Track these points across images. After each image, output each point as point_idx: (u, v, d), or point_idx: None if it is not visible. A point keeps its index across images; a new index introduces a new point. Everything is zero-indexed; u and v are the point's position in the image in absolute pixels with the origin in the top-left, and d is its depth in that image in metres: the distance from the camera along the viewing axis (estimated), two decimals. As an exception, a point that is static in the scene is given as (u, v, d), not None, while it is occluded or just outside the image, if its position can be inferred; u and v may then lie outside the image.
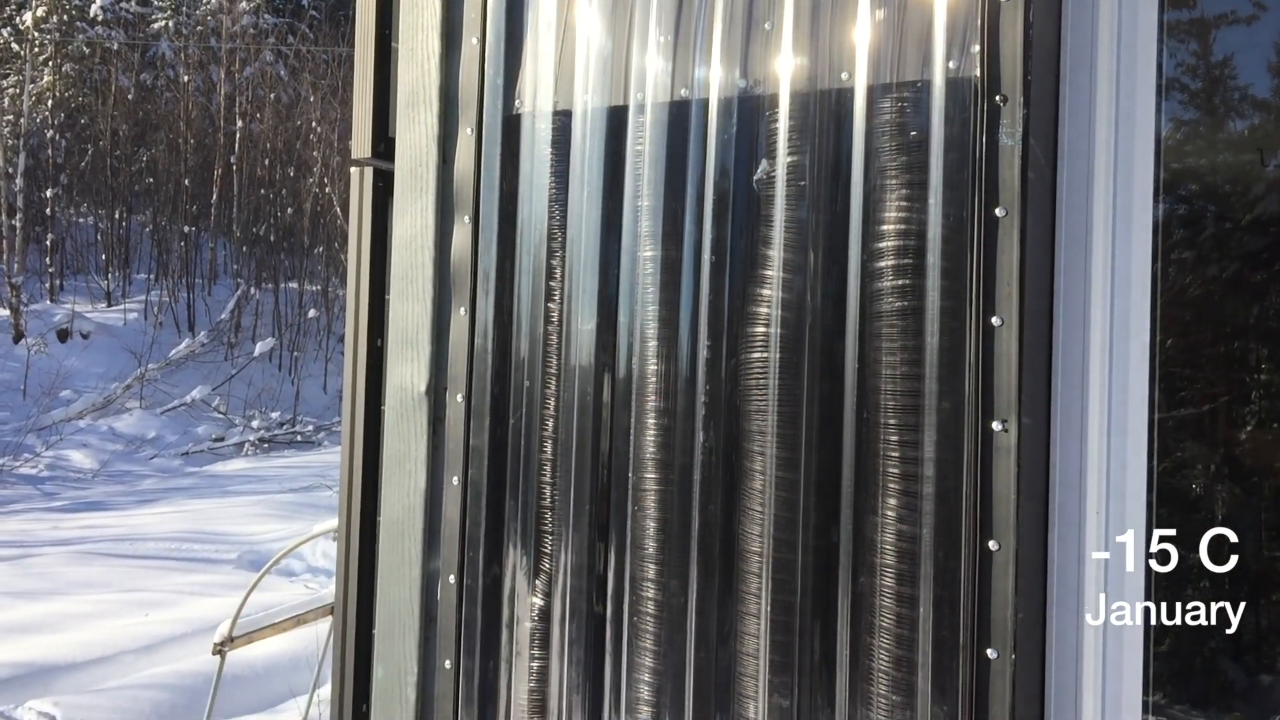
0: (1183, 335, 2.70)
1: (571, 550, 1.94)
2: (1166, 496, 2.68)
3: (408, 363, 2.21)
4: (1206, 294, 3.54)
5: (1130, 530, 1.65)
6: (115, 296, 20.18)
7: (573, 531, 1.94)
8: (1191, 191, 2.63)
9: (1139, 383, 1.65)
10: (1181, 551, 1.87)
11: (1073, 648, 1.65)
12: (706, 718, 1.83)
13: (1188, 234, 2.62)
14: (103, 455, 15.87)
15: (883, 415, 1.69)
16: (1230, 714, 3.30)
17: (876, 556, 1.69)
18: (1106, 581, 1.64)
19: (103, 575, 9.92)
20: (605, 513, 1.92)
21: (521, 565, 2.00)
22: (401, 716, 2.15)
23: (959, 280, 1.65)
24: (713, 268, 1.85)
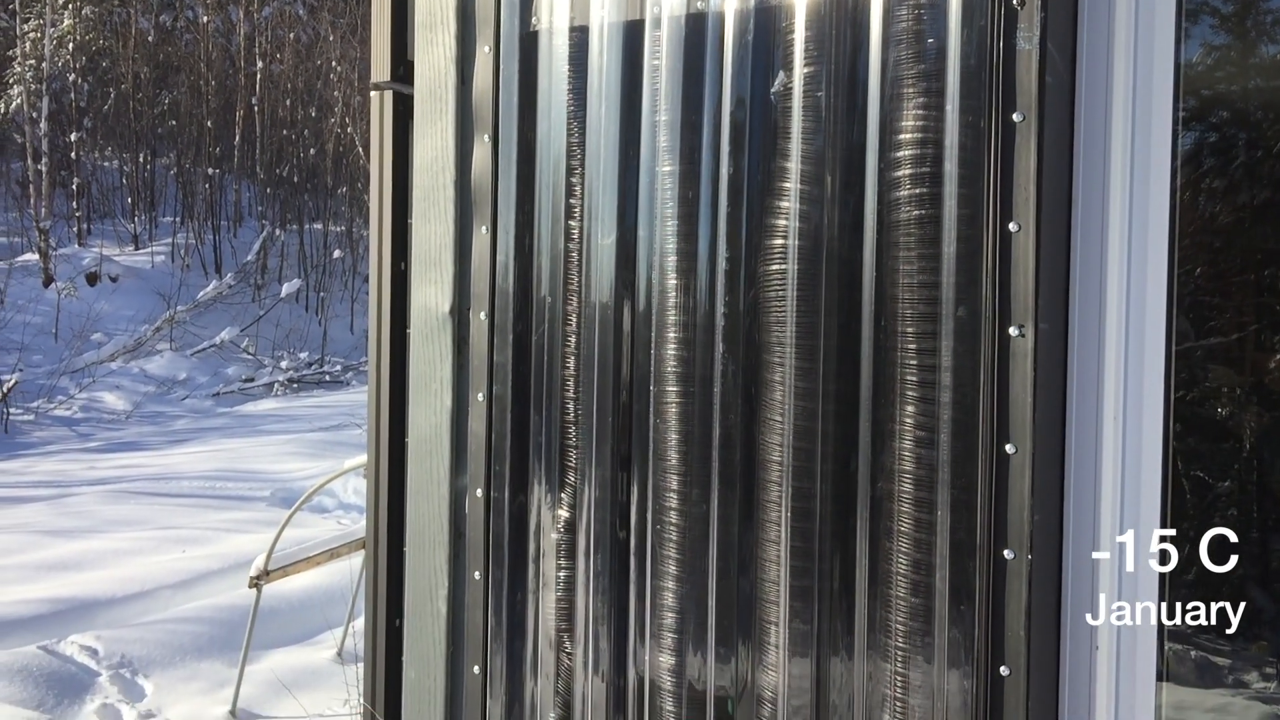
0: (1212, 264, 2.68)
1: (595, 462, 1.97)
2: (1194, 425, 2.68)
3: (431, 284, 2.24)
4: (1237, 221, 3.50)
5: (1148, 431, 1.66)
6: (142, 240, 20.28)
7: (595, 444, 1.97)
8: (1222, 119, 2.60)
9: (1157, 286, 1.65)
10: (1203, 474, 1.89)
11: (1089, 548, 1.67)
12: (729, 610, 1.87)
13: (1218, 162, 2.59)
14: (135, 397, 16.06)
15: (900, 324, 1.71)
16: (1257, 642, 3.33)
17: (895, 462, 1.71)
18: (1123, 481, 1.66)
19: (139, 513, 10.08)
20: (627, 425, 1.95)
21: (546, 478, 2.03)
22: (433, 629, 2.20)
23: (976, 187, 1.65)
24: (730, 181, 1.85)
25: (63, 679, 6.26)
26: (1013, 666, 1.63)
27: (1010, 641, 1.63)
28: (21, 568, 8.20)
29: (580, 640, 2.00)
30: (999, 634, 1.64)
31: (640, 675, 1.95)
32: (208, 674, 6.54)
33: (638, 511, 1.94)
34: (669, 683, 1.92)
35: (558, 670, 2.02)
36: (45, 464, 12.68)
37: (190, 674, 6.53)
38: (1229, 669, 3.09)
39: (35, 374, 15.93)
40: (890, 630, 1.71)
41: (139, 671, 6.49)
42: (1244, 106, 3.63)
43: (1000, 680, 1.64)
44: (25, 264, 18.33)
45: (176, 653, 6.73)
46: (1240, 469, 3.60)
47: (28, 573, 8.07)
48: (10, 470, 12.28)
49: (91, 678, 6.35)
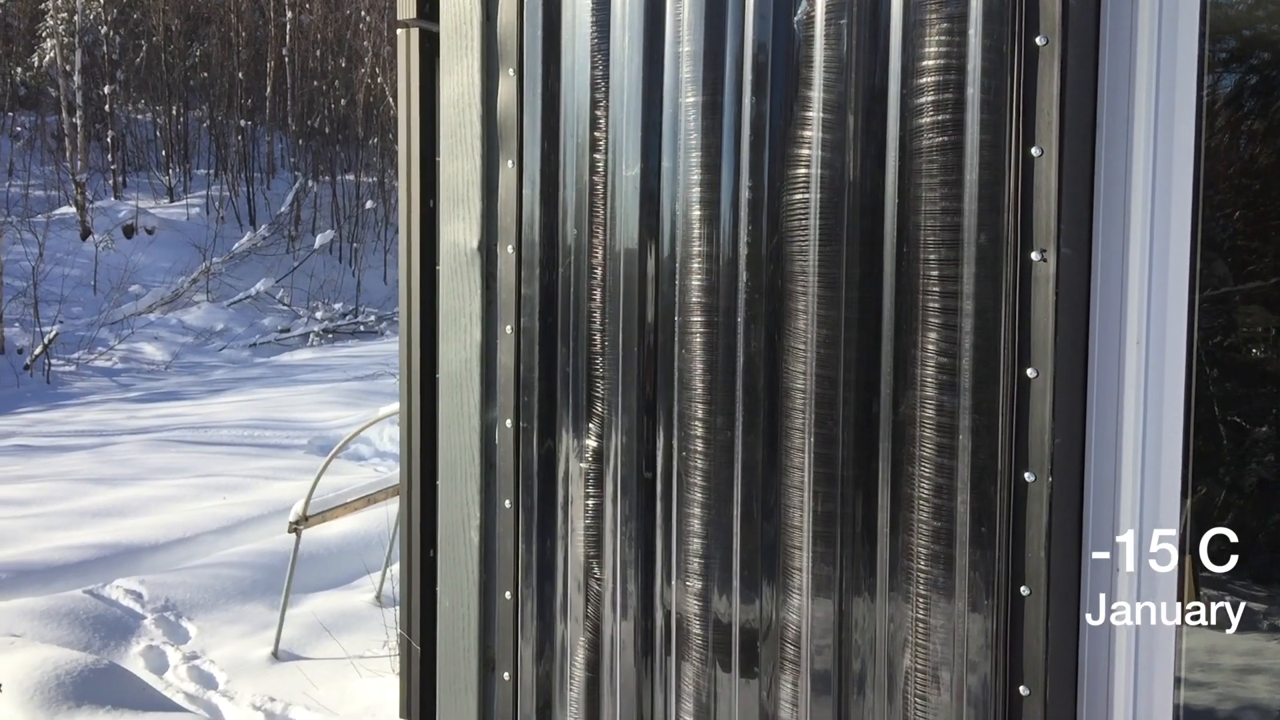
0: (1251, 206, 2.66)
1: (621, 391, 2.00)
2: (1232, 370, 2.67)
3: (459, 220, 2.26)
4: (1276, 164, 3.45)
5: (1171, 355, 1.67)
6: (177, 192, 20.43)
7: (622, 374, 2.00)
8: (1263, 60, 2.56)
9: (1181, 210, 1.65)
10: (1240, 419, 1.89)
11: (1111, 471, 1.69)
12: (753, 534, 1.90)
13: (1259, 104, 2.56)
14: (174, 347, 16.28)
15: (922, 250, 1.72)
16: None
17: (917, 388, 1.73)
18: (1146, 407, 1.67)
19: (180, 461, 10.26)
20: (653, 355, 1.98)
21: (574, 409, 2.07)
22: (466, 557, 2.26)
23: (999, 113, 1.65)
24: (753, 111, 1.86)
25: (109, 622, 6.42)
26: (1033, 587, 1.66)
27: (1030, 563, 1.66)
28: (66, 514, 8.39)
29: (608, 565, 2.04)
30: (1019, 555, 1.66)
31: (667, 598, 1.99)
32: (250, 617, 6.69)
33: (664, 439, 1.98)
34: (695, 607, 1.96)
35: (587, 595, 2.07)
36: (87, 414, 12.92)
37: (233, 617, 6.68)
38: (1264, 614, 3.10)
39: (75, 326, 16.17)
40: (912, 552, 1.74)
41: (183, 615, 6.65)
42: (1273, 76, 3.57)
43: (1020, 600, 1.66)
44: (63, 217, 18.53)
45: (219, 596, 6.89)
46: (1277, 414, 3.58)
47: (72, 519, 8.26)
48: (53, 420, 12.51)
49: (136, 621, 6.52)
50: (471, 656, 2.25)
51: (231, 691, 5.82)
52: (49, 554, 7.39)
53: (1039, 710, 1.66)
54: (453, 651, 2.29)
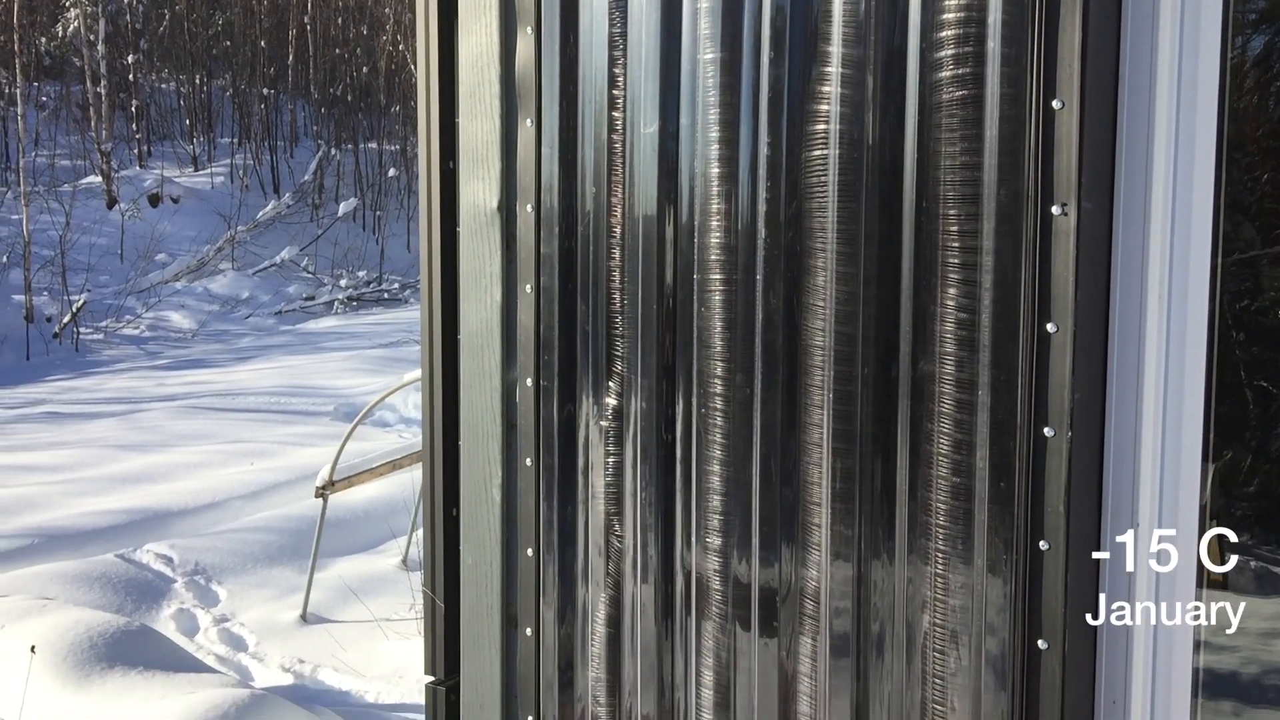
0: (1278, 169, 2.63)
1: (641, 349, 2.01)
2: (1257, 333, 2.65)
3: (479, 180, 2.27)
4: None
5: (1193, 310, 1.66)
6: (201, 161, 20.52)
7: (641, 331, 2.01)
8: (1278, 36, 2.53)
9: (1205, 163, 1.64)
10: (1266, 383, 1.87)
11: (1132, 427, 1.68)
12: (771, 473, 1.91)
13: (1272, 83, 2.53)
14: (200, 315, 16.41)
15: (942, 205, 1.71)
16: None
17: (936, 343, 1.73)
18: (1168, 363, 1.66)
19: (207, 428, 10.37)
20: (672, 313, 1.99)
21: (594, 367, 2.08)
22: (488, 515, 2.28)
23: (1019, 66, 1.64)
24: (772, 67, 1.85)
25: (140, 585, 6.52)
26: (1051, 541, 1.66)
27: (1050, 517, 1.66)
28: (96, 480, 8.51)
29: (629, 522, 2.06)
30: (1038, 510, 1.66)
31: (687, 555, 2.01)
32: (278, 580, 6.79)
33: (683, 397, 1.98)
34: (715, 564, 1.97)
35: (607, 551, 2.09)
36: (115, 381, 13.06)
37: (261, 580, 6.78)
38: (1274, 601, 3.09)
39: (103, 294, 16.32)
40: (931, 508, 1.75)
41: (212, 578, 6.75)
42: None
43: (1040, 555, 1.67)
44: (89, 186, 18.66)
45: (248, 560, 6.99)
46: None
47: (102, 485, 8.37)
48: (82, 387, 12.66)
49: (167, 584, 6.62)
50: (495, 613, 2.28)
51: (261, 653, 5.92)
52: (80, 519, 7.51)
53: (1057, 664, 1.66)
54: (476, 608, 2.32)
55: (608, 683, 2.11)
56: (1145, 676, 1.70)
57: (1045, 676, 1.68)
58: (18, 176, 17.01)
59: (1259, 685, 2.09)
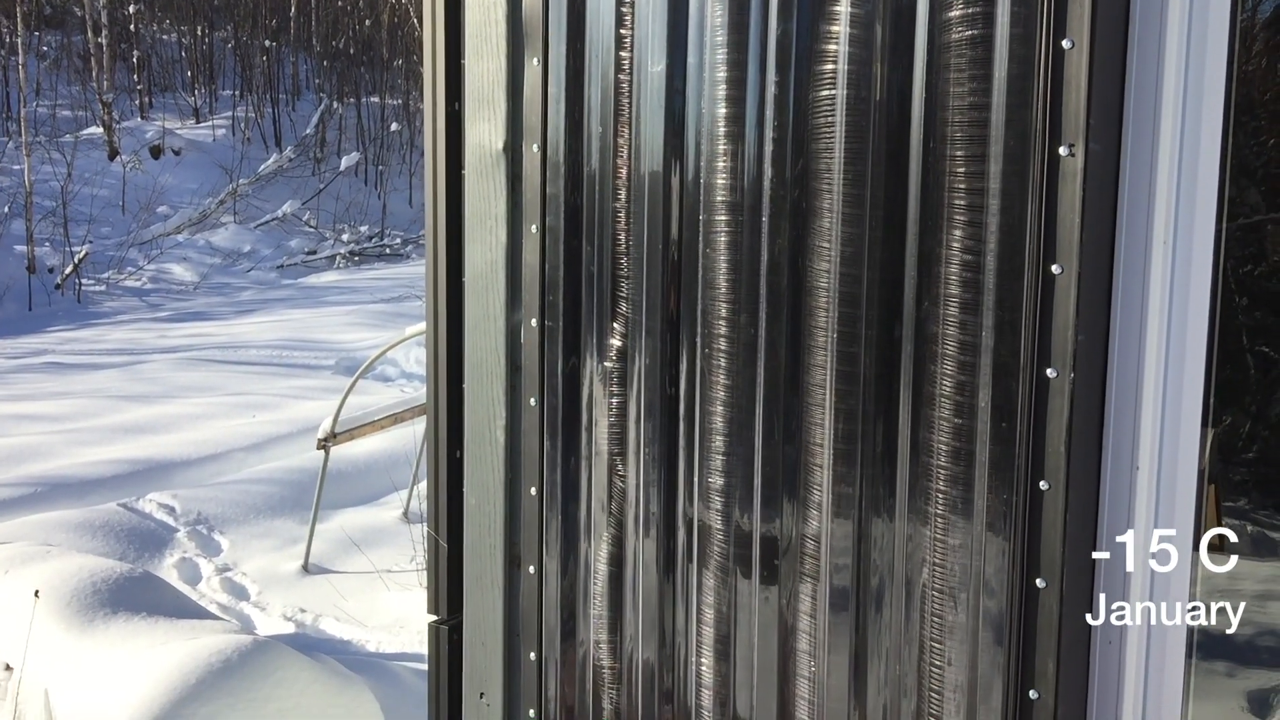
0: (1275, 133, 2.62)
1: (646, 289, 2.02)
2: (1262, 300, 2.65)
3: (484, 121, 2.26)
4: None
5: (1198, 253, 1.66)
6: (203, 113, 20.41)
7: (646, 271, 2.01)
8: None
9: (1213, 104, 1.63)
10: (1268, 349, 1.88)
11: (1134, 370, 1.69)
12: (775, 402, 1.93)
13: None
14: (202, 268, 16.39)
15: (949, 146, 1.71)
16: None
17: (940, 285, 1.73)
18: (1171, 307, 1.66)
19: (209, 380, 10.40)
20: (677, 253, 1.99)
21: (599, 307, 2.08)
22: (492, 457, 2.29)
23: (1030, 5, 1.63)
24: (781, 5, 1.84)
25: (143, 534, 6.57)
26: (1052, 481, 1.67)
27: (1050, 457, 1.67)
28: (99, 430, 8.54)
29: (631, 461, 2.07)
30: (1039, 450, 1.68)
31: (690, 495, 2.02)
32: (280, 531, 6.83)
33: (687, 337, 1.99)
34: (718, 504, 1.99)
35: (610, 490, 2.10)
36: (117, 333, 13.07)
37: (263, 531, 6.83)
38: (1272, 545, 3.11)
39: (104, 245, 16.29)
40: (934, 450, 1.76)
41: (215, 528, 6.79)
42: None
43: (1040, 494, 1.68)
44: (90, 137, 18.56)
45: (250, 511, 7.03)
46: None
47: (105, 435, 8.41)
48: (84, 339, 12.68)
49: (170, 534, 6.67)
50: (497, 553, 2.30)
51: (263, 603, 5.97)
52: (83, 468, 7.54)
53: (1055, 601, 1.68)
54: (479, 548, 2.34)
55: (609, 620, 2.14)
56: (1141, 617, 1.72)
57: (1043, 615, 1.70)
58: (19, 126, 16.93)
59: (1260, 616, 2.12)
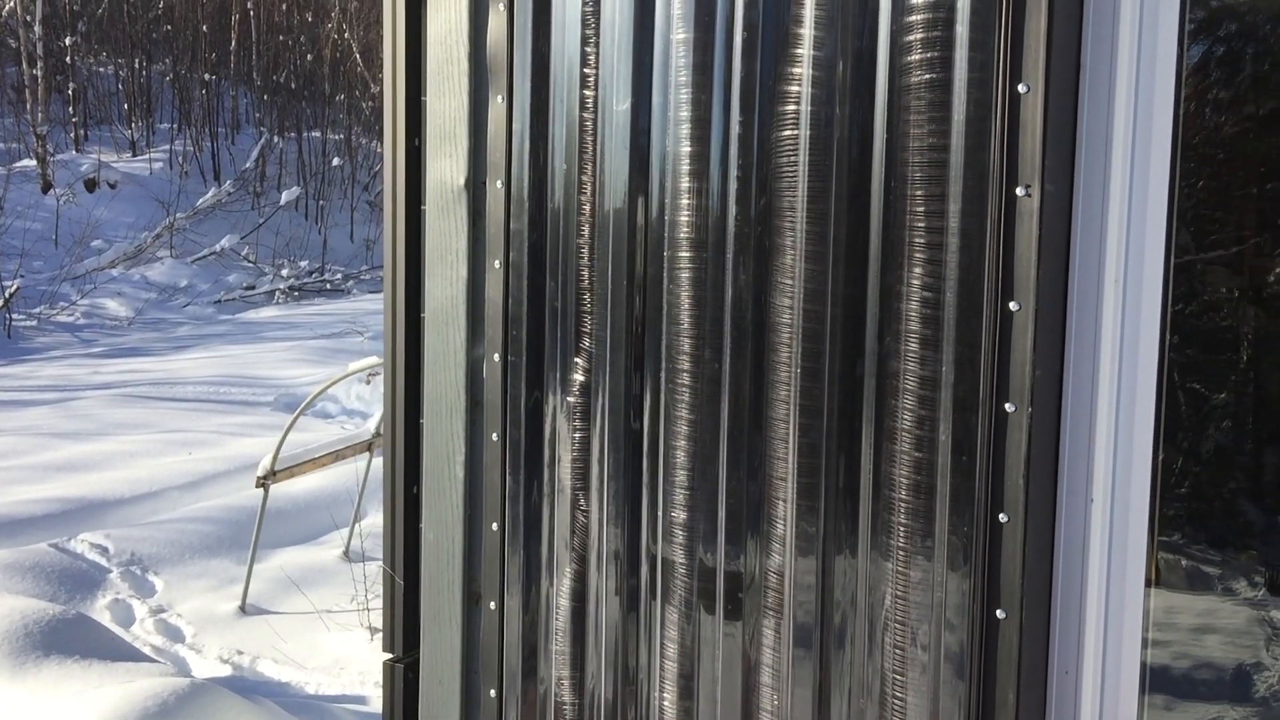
0: (1215, 177, 2.71)
1: (610, 324, 2.03)
2: (1192, 337, 2.73)
3: (446, 158, 2.27)
4: (1241, 133, 3.50)
5: (1147, 295, 1.71)
6: (140, 146, 20.13)
7: (610, 307, 2.03)
8: (1230, 31, 2.61)
9: (1161, 148, 1.70)
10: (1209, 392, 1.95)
11: (1088, 404, 1.74)
12: (740, 443, 1.94)
13: (1223, 74, 2.61)
14: (137, 303, 16.11)
15: (909, 186, 1.75)
16: (1246, 552, 3.41)
17: (902, 321, 1.77)
18: (1122, 337, 1.71)
19: (144, 417, 10.19)
20: (641, 289, 2.01)
21: (562, 342, 2.09)
22: (451, 492, 2.28)
23: (986, 50, 1.68)
24: (744, 46, 1.88)
25: (74, 575, 6.40)
26: (1011, 514, 1.71)
27: (1009, 490, 1.71)
28: (30, 468, 8.33)
29: (594, 496, 2.07)
30: (999, 483, 1.71)
31: (653, 530, 2.03)
32: (216, 571, 6.69)
33: (651, 372, 2.01)
34: (680, 537, 2.00)
35: (573, 525, 2.11)
36: (49, 369, 12.78)
37: (199, 571, 6.68)
38: (1217, 577, 3.18)
39: (36, 280, 15.95)
40: (895, 482, 1.79)
41: (149, 569, 6.64)
42: (1252, 18, 3.61)
43: (999, 526, 1.71)
44: (23, 170, 18.22)
45: (185, 551, 6.88)
46: (1236, 380, 3.66)
47: (36, 473, 8.20)
48: (15, 375, 12.38)
49: (102, 574, 6.50)
50: (455, 588, 2.29)
51: (199, 644, 5.84)
52: (13, 507, 7.34)
53: (1014, 632, 1.71)
54: (437, 584, 2.32)
55: (571, 656, 2.13)
56: (1097, 646, 1.76)
57: (1003, 647, 1.73)
58: (-50, 158, 16.58)
59: (1203, 645, 2.17)
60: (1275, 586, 2.27)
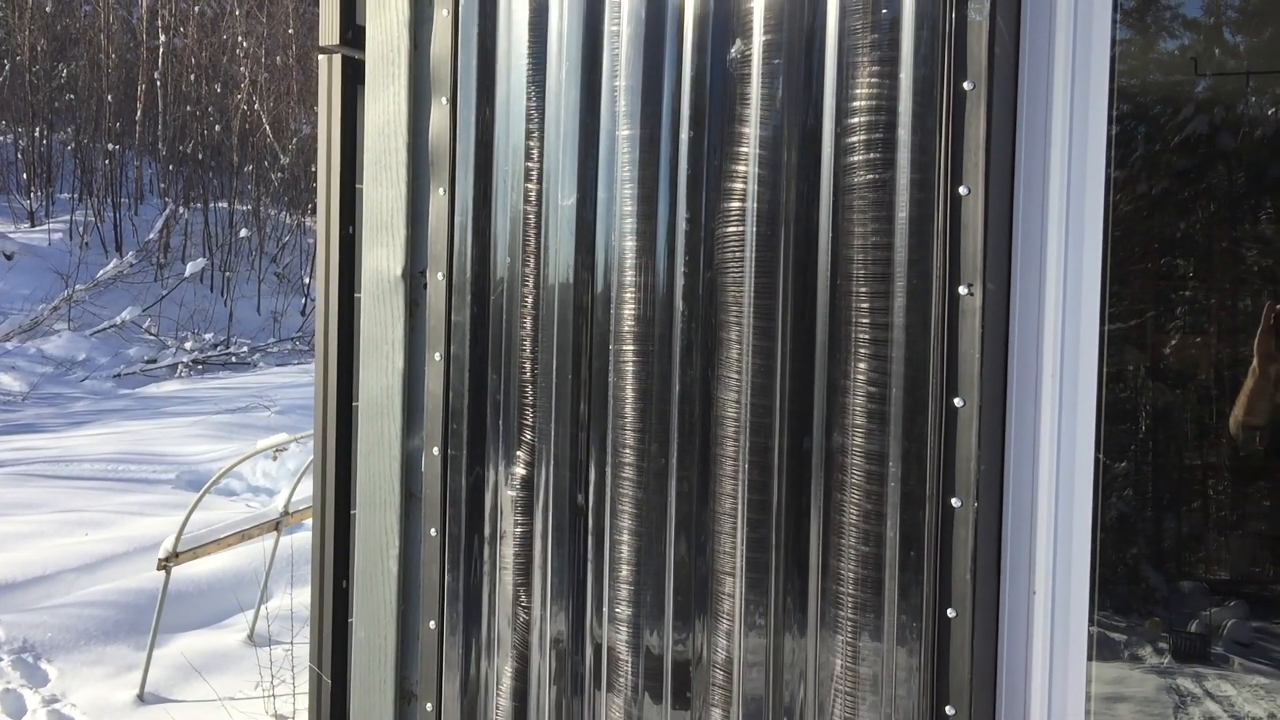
0: (1111, 252, 2.82)
1: (554, 419, 2.02)
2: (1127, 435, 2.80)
3: (383, 247, 2.25)
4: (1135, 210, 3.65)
5: (1083, 392, 1.76)
6: (38, 216, 19.63)
7: (555, 401, 2.01)
8: (1122, 111, 2.73)
9: (1093, 248, 1.75)
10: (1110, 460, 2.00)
11: (1028, 498, 1.77)
12: (685, 545, 1.93)
13: (1118, 154, 2.73)
14: (32, 378, 15.58)
15: (854, 284, 1.78)
16: (1150, 619, 3.49)
17: (849, 416, 1.78)
18: (1060, 432, 1.75)
19: (39, 496, 9.81)
20: (586, 383, 2.00)
21: (504, 436, 2.07)
22: (384, 588, 2.23)
23: (928, 153, 1.73)
24: (690, 145, 1.91)
25: (-38, 664, 6.09)
26: (959, 609, 1.72)
27: (957, 585, 1.72)
28: (-84, 551, 7.94)
29: (536, 593, 2.04)
30: (946, 578, 1.72)
31: (596, 628, 2.00)
32: (114, 658, 6.43)
33: (595, 467, 1.99)
34: (625, 635, 1.97)
35: (514, 624, 2.06)
36: (-61, 446, 12.25)
37: (95, 658, 6.41)
38: (1123, 644, 3.25)
39: (-75, 353, 15.36)
40: (842, 577, 1.79)
41: (42, 656, 6.35)
42: (1144, 100, 3.79)
43: (948, 622, 1.72)
44: (-87, 240, 17.62)
45: (81, 637, 6.60)
46: (1136, 450, 3.77)
47: (-77, 556, 7.82)
48: (-100, 452, 11.84)
49: (-9, 663, 6.20)
50: (388, 688, 2.22)
51: (95, 736, 5.58)
52: (-103, 593, 6.99)
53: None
54: (368, 683, 2.25)
55: (512, 758, 2.08)
56: (1043, 739, 1.77)
57: (952, 741, 1.73)
58: None
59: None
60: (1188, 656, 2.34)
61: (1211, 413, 3.77)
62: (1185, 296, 3.79)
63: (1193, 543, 3.88)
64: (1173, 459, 3.79)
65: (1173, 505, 3.78)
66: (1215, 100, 3.73)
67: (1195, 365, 3.78)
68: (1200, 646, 3.37)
